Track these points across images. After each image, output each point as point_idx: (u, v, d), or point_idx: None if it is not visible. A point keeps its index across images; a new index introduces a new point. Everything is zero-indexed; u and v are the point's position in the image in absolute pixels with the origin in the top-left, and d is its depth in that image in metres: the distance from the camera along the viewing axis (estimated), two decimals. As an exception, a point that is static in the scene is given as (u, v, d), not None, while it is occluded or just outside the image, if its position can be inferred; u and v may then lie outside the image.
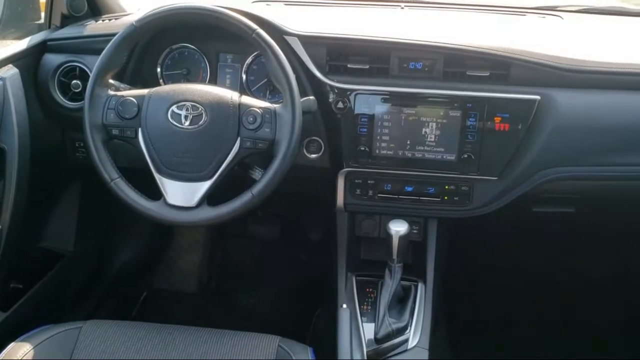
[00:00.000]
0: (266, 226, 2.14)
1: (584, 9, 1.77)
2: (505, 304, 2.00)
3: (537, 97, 1.29)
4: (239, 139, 1.19)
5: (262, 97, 1.43)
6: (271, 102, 1.24)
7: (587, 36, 1.56)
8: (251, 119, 1.19)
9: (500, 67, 1.31)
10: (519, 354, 1.80)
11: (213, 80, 1.46)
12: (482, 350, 1.78)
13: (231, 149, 1.19)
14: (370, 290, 1.39)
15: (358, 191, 1.40)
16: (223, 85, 1.44)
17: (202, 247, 2.11)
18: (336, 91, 1.32)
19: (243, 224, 2.12)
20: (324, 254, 1.62)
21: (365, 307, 1.36)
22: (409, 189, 1.39)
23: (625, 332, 1.92)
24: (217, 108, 1.19)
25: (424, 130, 1.33)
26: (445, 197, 1.38)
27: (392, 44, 1.33)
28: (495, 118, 1.30)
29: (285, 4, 1.72)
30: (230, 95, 1.22)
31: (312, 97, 1.27)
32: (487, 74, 1.31)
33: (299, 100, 1.20)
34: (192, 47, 1.46)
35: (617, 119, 1.31)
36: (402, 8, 1.71)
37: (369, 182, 1.39)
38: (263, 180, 1.18)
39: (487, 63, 1.31)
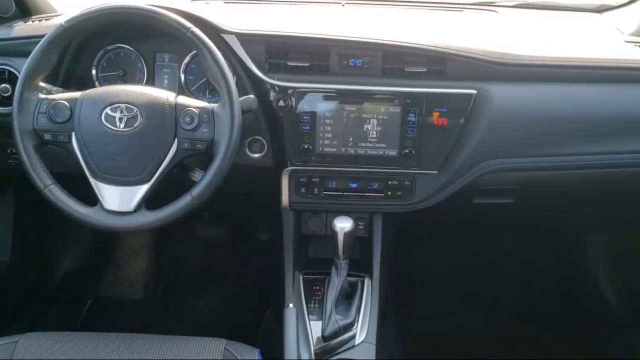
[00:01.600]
0: (213, 228, 2.11)
1: (519, 4, 1.81)
2: (453, 295, 2.04)
3: (474, 91, 1.32)
4: (176, 140, 1.17)
5: (202, 97, 1.41)
6: (210, 102, 1.22)
7: (522, 31, 1.60)
8: (188, 119, 1.17)
9: (437, 63, 1.33)
10: (467, 343, 1.84)
11: (151, 81, 1.42)
12: (432, 342, 1.81)
13: (168, 150, 1.16)
14: (318, 288, 1.39)
15: (303, 189, 1.39)
16: (161, 86, 1.41)
17: (148, 252, 2.07)
18: (277, 89, 1.31)
19: (189, 226, 2.08)
20: (273, 253, 1.61)
21: (312, 305, 1.36)
22: (354, 185, 1.40)
23: (566, 318, 2.00)
24: (153, 109, 1.17)
25: (365, 126, 1.33)
26: (389, 192, 1.40)
27: (331, 41, 1.33)
28: (434, 113, 1.32)
29: (225, 2, 1.70)
30: (166, 95, 1.19)
31: (252, 96, 1.26)
32: (425, 69, 1.33)
33: (238, 99, 1.18)
34: (128, 47, 1.42)
35: (550, 110, 1.35)
36: (343, 5, 1.72)
37: (313, 180, 1.39)
38: (203, 181, 1.16)
39: (425, 59, 1.33)
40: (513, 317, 1.97)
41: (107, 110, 1.16)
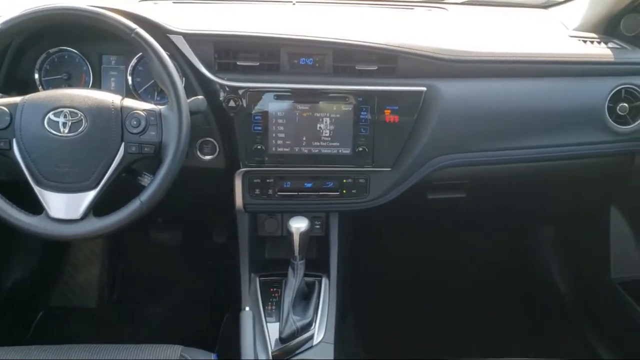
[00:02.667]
0: (168, 232, 2.07)
1: (468, 1, 1.84)
2: (411, 292, 2.06)
3: (423, 88, 1.33)
4: (123, 144, 1.14)
5: (151, 99, 1.38)
6: (159, 104, 1.20)
7: (471, 27, 1.62)
8: (135, 122, 1.14)
9: (388, 61, 1.33)
10: (426, 339, 1.85)
11: (97, 84, 1.38)
12: (391, 339, 1.82)
13: (115, 155, 1.13)
14: (275, 289, 1.38)
15: (257, 191, 1.38)
16: (108, 89, 1.37)
17: (101, 259, 2.01)
18: (227, 89, 1.30)
19: (143, 232, 2.04)
20: (230, 256, 1.59)
21: (269, 307, 1.34)
22: (309, 185, 1.39)
23: (521, 311, 2.04)
24: (98, 113, 1.13)
25: (318, 125, 1.33)
26: (344, 191, 1.40)
27: (281, 40, 1.32)
28: (386, 111, 1.33)
29: (174, 2, 1.66)
30: (111, 99, 1.16)
31: (200, 97, 1.23)
32: (376, 67, 1.33)
33: (186, 101, 1.16)
34: (72, 50, 1.37)
35: (498, 105, 1.37)
36: (294, 4, 1.71)
37: (267, 180, 1.38)
38: (151, 186, 1.14)
39: (375, 57, 1.33)
40: (470, 311, 2.00)
41: (50, 115, 1.12)
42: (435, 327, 1.93)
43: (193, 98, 1.22)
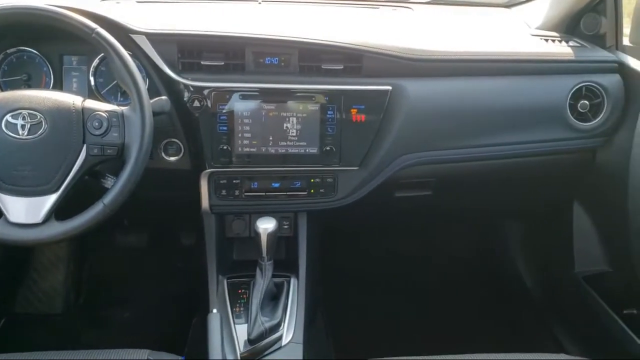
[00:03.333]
0: (134, 235, 2.04)
1: (433, 0, 1.86)
2: (382, 289, 2.07)
3: (389, 87, 1.33)
4: (85, 146, 1.11)
5: (114, 100, 1.35)
6: (122, 105, 1.18)
7: (435, 27, 1.64)
8: (97, 123, 1.12)
9: (353, 60, 1.34)
10: (397, 337, 1.87)
11: (58, 86, 1.35)
12: (363, 338, 1.82)
13: (77, 157, 1.11)
14: (243, 291, 1.37)
15: (224, 192, 1.37)
16: (70, 90, 1.35)
17: (67, 264, 1.96)
18: (191, 89, 1.28)
19: (110, 234, 2.00)
20: (198, 258, 1.57)
21: (237, 309, 1.33)
22: (276, 185, 1.38)
23: (491, 306, 2.07)
24: (58, 115, 1.11)
25: (285, 125, 1.32)
26: (312, 190, 1.39)
27: (245, 39, 1.31)
28: (352, 110, 1.33)
29: (137, 2, 1.63)
30: (72, 100, 1.13)
31: (164, 97, 1.22)
32: (341, 67, 1.33)
33: (148, 101, 1.15)
34: (32, 50, 1.34)
35: (462, 104, 1.39)
36: (260, 3, 1.70)
37: (234, 181, 1.36)
38: (114, 188, 1.12)
39: (341, 56, 1.33)
40: (440, 308, 2.02)
41: (8, 117, 1.09)
42: (405, 324, 1.94)
43: (156, 98, 1.20)
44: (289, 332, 1.28)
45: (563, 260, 1.74)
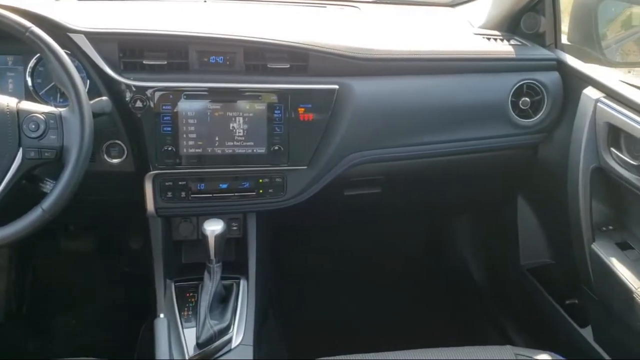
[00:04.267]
0: (80, 240, 1.98)
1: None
2: (334, 287, 2.08)
3: (336, 86, 1.34)
4: (20, 149, 1.07)
5: (53, 101, 1.30)
6: (60, 107, 1.14)
7: (381, 26, 1.65)
8: (33, 126, 1.08)
9: (300, 59, 1.33)
10: (350, 334, 1.87)
11: None
12: (315, 336, 1.82)
13: (12, 161, 1.07)
14: (191, 294, 1.34)
15: (169, 194, 1.34)
16: (5, 91, 1.28)
17: (7, 272, 1.88)
18: (133, 89, 1.25)
19: (54, 241, 1.93)
20: (146, 263, 1.53)
21: (186, 312, 1.31)
22: (224, 186, 1.36)
23: (442, 301, 2.10)
24: None
25: (231, 125, 1.31)
26: (261, 191, 1.38)
27: (189, 38, 1.29)
28: (299, 109, 1.33)
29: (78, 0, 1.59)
30: (6, 102, 1.09)
31: (104, 98, 1.19)
32: (288, 66, 1.33)
33: (88, 102, 1.11)
34: None
35: (408, 102, 1.40)
36: (205, 1, 1.67)
37: (180, 183, 1.34)
38: (53, 193, 1.08)
39: (287, 55, 1.33)
40: (391, 304, 2.04)
41: None
42: (357, 322, 1.95)
43: (97, 99, 1.17)
44: (239, 334, 1.27)
45: (508, 253, 1.79)
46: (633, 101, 1.27)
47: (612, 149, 1.32)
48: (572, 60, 1.49)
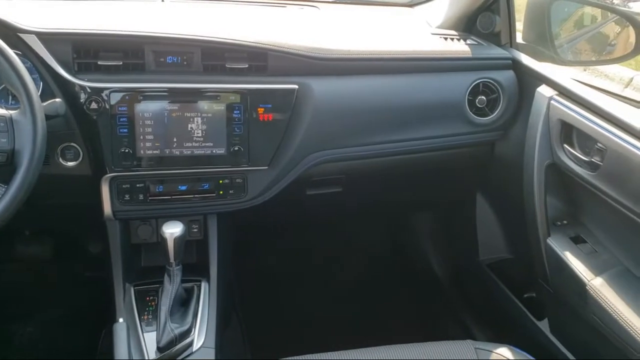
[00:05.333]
0: (38, 245, 1.92)
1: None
2: (298, 286, 2.08)
3: (295, 86, 1.33)
4: None
5: (4, 104, 1.26)
6: (11, 109, 1.10)
7: (341, 25, 1.66)
8: None
9: (258, 59, 1.32)
10: (313, 333, 1.87)
11: None
12: (279, 337, 1.82)
13: None
14: (151, 298, 1.32)
15: (127, 196, 1.31)
16: None
17: (-40, 280, 1.83)
18: (88, 91, 1.22)
19: (9, 246, 1.88)
20: (106, 267, 1.51)
21: (146, 317, 1.29)
22: (183, 187, 1.35)
23: (405, 298, 2.13)
24: None
25: (189, 125, 1.29)
26: (221, 192, 1.37)
27: (144, 37, 1.27)
28: (259, 109, 1.32)
29: (31, -1, 1.55)
30: None
31: (58, 100, 1.16)
32: (246, 65, 1.32)
33: (40, 104, 1.08)
34: None
35: (367, 101, 1.41)
36: (163, 1, 1.65)
37: (138, 185, 1.31)
38: (4, 198, 1.04)
39: (245, 55, 1.32)
40: (355, 303, 2.05)
41: None
42: (322, 321, 1.96)
43: (50, 101, 1.14)
44: (200, 337, 1.25)
45: (468, 249, 1.82)
46: (585, 99, 1.30)
47: (565, 146, 1.36)
48: (526, 59, 1.52)
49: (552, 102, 1.38)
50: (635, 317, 1.17)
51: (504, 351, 1.17)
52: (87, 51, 1.24)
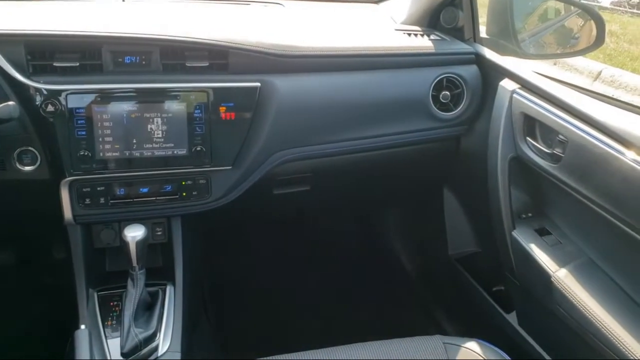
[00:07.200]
0: None
1: (303, -4, 1.87)
2: (268, 286, 2.06)
3: (258, 84, 1.32)
4: None
5: None
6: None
7: (305, 22, 1.65)
8: None
9: (219, 57, 1.30)
10: (284, 332, 1.87)
11: None
12: (250, 337, 1.80)
13: None
14: (115, 303, 1.30)
15: (88, 200, 1.28)
16: None
17: None
18: (44, 93, 1.19)
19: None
20: (69, 272, 1.47)
21: (110, 322, 1.26)
22: (145, 190, 1.32)
23: (376, 295, 2.13)
24: None
25: (149, 126, 1.27)
26: (184, 193, 1.35)
27: (101, 38, 1.24)
28: (221, 108, 1.30)
29: (-15, 0, 1.50)
30: None
31: (11, 103, 1.12)
32: (207, 64, 1.30)
33: None
34: None
35: (332, 99, 1.40)
36: (123, 0, 1.62)
37: (98, 189, 1.29)
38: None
39: (206, 53, 1.30)
40: (328, 299, 2.05)
41: None
42: (294, 321, 1.95)
43: (3, 104, 1.11)
44: (166, 341, 1.23)
45: (437, 244, 1.82)
46: (546, 91, 1.31)
47: (528, 139, 1.37)
48: (489, 54, 1.52)
49: (514, 95, 1.38)
50: (598, 307, 1.18)
51: (472, 345, 1.18)
52: (42, 53, 1.21)
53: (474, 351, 1.16)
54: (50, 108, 1.19)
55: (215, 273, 1.90)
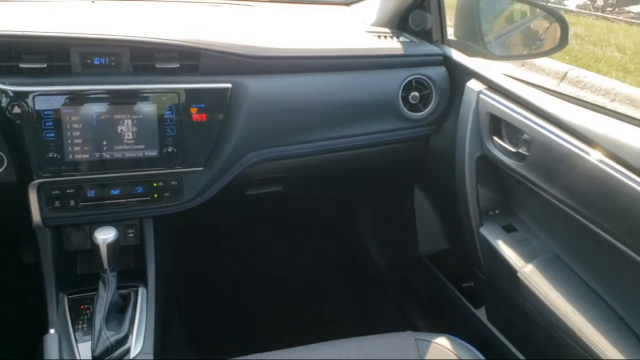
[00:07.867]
0: None
1: (273, -2, 1.88)
2: (243, 286, 2.06)
3: (229, 85, 1.32)
4: None
5: None
6: None
7: (276, 24, 1.66)
8: None
9: (190, 58, 1.31)
10: (260, 332, 1.87)
11: None
12: (224, 338, 1.80)
13: None
14: (86, 307, 1.29)
15: (57, 203, 1.27)
16: None
17: None
18: (10, 95, 1.18)
19: None
20: (40, 277, 1.45)
21: (80, 326, 1.25)
22: (116, 192, 1.31)
23: (350, 294, 2.14)
24: None
25: (119, 128, 1.26)
26: (156, 195, 1.34)
27: (69, 39, 1.23)
28: (192, 109, 1.30)
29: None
30: None
31: None
32: (177, 65, 1.30)
33: None
34: None
35: (303, 100, 1.41)
36: (93, 2, 1.61)
37: (67, 191, 1.27)
38: None
39: (177, 54, 1.30)
40: (303, 298, 2.06)
41: None
42: (268, 320, 1.95)
43: None
44: (138, 343, 1.22)
45: (409, 242, 1.85)
46: (511, 92, 1.35)
47: (494, 138, 1.40)
48: (457, 55, 1.55)
49: (481, 95, 1.41)
50: (564, 301, 1.22)
51: (442, 341, 1.20)
52: (8, 54, 1.20)
53: (444, 346, 1.18)
54: (16, 110, 1.18)
55: (189, 273, 1.89)
